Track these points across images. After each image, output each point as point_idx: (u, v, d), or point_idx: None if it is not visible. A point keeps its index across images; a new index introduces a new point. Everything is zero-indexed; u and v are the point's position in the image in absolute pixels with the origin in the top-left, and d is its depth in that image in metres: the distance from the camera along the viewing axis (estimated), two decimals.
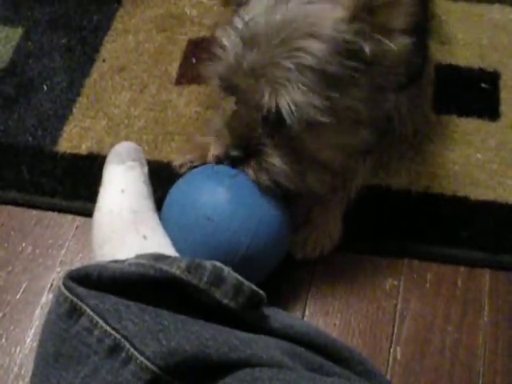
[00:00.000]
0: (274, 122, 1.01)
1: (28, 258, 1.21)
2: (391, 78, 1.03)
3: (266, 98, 0.98)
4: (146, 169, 1.16)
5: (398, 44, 0.97)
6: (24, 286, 1.18)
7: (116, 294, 0.83)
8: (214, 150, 1.11)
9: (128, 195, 1.09)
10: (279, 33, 0.98)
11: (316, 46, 0.96)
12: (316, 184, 1.09)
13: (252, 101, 1.02)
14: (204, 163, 1.16)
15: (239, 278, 0.88)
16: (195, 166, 1.18)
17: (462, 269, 1.17)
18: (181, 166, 1.21)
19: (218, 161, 1.11)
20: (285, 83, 0.97)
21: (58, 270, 1.19)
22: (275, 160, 1.04)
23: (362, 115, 1.03)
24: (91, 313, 0.81)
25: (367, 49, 0.96)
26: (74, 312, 0.82)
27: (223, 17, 1.37)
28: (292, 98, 0.97)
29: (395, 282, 1.15)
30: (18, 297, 1.17)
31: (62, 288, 0.83)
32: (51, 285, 1.18)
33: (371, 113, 1.04)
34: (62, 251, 1.22)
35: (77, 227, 1.25)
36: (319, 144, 1.05)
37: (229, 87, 1.06)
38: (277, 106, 0.98)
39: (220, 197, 1.05)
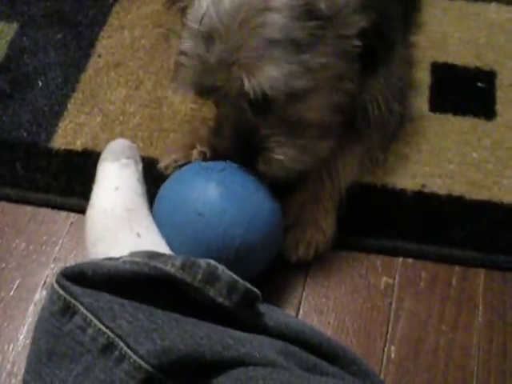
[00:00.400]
0: (263, 103, 1.01)
1: (22, 254, 1.21)
2: (352, 27, 1.03)
3: (246, 82, 0.98)
4: (140, 167, 1.16)
5: None
6: (17, 282, 1.17)
7: (110, 292, 0.83)
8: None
9: (122, 193, 1.09)
10: (235, 17, 0.98)
11: (274, 18, 0.98)
12: (323, 150, 1.11)
13: (233, 93, 1.02)
14: (189, 162, 1.17)
15: (234, 276, 0.88)
16: (181, 166, 1.17)
17: (456, 268, 1.17)
18: (166, 167, 1.20)
19: (204, 157, 1.12)
20: (257, 62, 0.98)
21: (52, 266, 1.19)
22: (279, 151, 1.05)
23: (338, 69, 1.04)
24: (85, 311, 0.80)
25: (322, 4, 0.98)
26: (67, 310, 0.82)
27: None
28: (269, 74, 0.98)
29: (390, 281, 1.15)
30: (11, 293, 1.16)
31: (56, 286, 0.83)
32: (45, 281, 1.17)
33: (345, 63, 1.05)
34: (56, 248, 1.21)
35: (71, 224, 1.24)
36: (312, 110, 1.05)
37: (204, 90, 1.06)
38: (259, 86, 0.98)
39: (210, 192, 1.05)
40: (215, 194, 1.04)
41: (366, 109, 1.19)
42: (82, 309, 0.81)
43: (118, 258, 0.90)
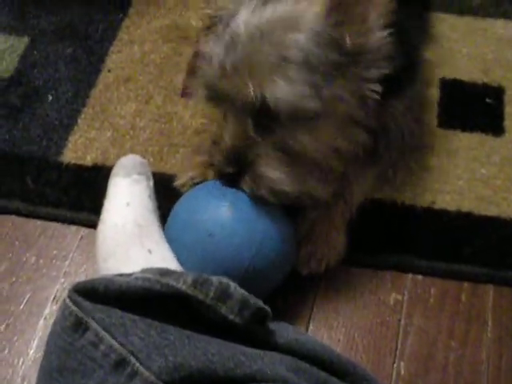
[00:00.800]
0: (265, 120, 1.01)
1: (32, 268, 1.21)
2: (375, 72, 1.02)
3: (251, 90, 0.98)
4: (151, 182, 1.16)
5: (376, 36, 0.99)
6: (28, 296, 1.18)
7: (122, 308, 0.83)
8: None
9: (133, 209, 1.09)
10: (260, 29, 0.99)
11: (298, 38, 0.98)
12: (317, 188, 1.09)
13: (239, 101, 1.01)
14: (205, 179, 1.16)
15: (245, 293, 0.88)
16: (197, 183, 1.17)
17: (465, 284, 1.17)
18: (183, 185, 1.20)
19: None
20: (269, 75, 0.98)
21: (62, 280, 1.19)
22: (269, 170, 1.04)
23: (351, 108, 1.03)
24: (97, 327, 0.81)
25: (348, 40, 0.98)
26: (79, 326, 0.82)
27: None
28: (278, 87, 0.98)
29: (399, 297, 1.15)
30: (21, 307, 1.16)
31: (68, 301, 0.83)
32: (55, 296, 1.17)
33: (359, 106, 1.04)
34: (66, 262, 1.21)
35: (81, 238, 1.24)
36: (314, 143, 1.04)
37: (215, 95, 1.06)
38: (263, 98, 0.98)
39: (222, 212, 1.05)
40: (227, 215, 1.04)
41: (387, 132, 1.18)
42: (94, 325, 0.81)
43: (129, 274, 0.90)
